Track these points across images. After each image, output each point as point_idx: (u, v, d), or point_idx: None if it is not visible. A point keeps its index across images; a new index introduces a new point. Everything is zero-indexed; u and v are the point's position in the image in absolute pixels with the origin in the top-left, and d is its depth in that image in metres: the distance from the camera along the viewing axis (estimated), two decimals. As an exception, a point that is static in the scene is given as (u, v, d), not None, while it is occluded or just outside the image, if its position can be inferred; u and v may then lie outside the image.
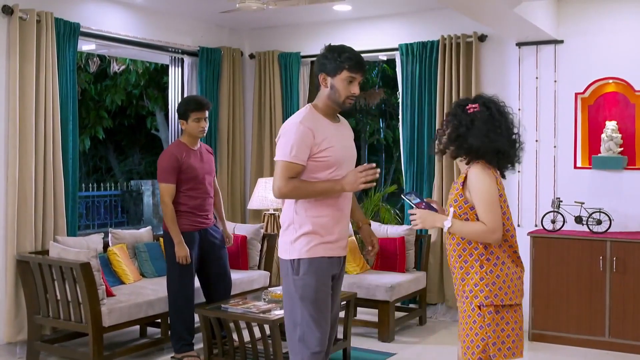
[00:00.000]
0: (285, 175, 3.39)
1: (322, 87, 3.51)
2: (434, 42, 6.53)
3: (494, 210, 3.08)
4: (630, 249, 5.54)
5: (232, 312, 4.84)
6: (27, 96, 5.37)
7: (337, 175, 3.47)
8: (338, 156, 3.48)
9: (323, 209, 3.47)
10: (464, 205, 3.15)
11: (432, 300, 6.63)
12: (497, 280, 3.11)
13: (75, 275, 4.90)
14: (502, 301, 3.10)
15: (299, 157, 3.39)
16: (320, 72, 3.49)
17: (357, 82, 3.48)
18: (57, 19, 5.60)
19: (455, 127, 3.21)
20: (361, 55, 3.53)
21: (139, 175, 16.12)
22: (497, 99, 3.27)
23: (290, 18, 7.11)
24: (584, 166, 6.07)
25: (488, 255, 3.13)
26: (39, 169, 5.45)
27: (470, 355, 3.14)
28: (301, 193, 3.42)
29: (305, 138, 3.38)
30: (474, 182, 3.12)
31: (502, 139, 3.16)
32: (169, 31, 6.84)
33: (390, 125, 13.80)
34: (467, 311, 3.15)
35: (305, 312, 3.45)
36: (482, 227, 3.07)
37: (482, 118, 3.15)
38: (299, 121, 3.42)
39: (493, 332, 3.10)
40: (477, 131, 3.12)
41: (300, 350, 3.48)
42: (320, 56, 3.53)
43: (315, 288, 3.45)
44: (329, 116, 3.53)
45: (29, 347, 5.28)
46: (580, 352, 5.61)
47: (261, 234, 6.51)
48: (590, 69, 6.01)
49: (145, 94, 13.60)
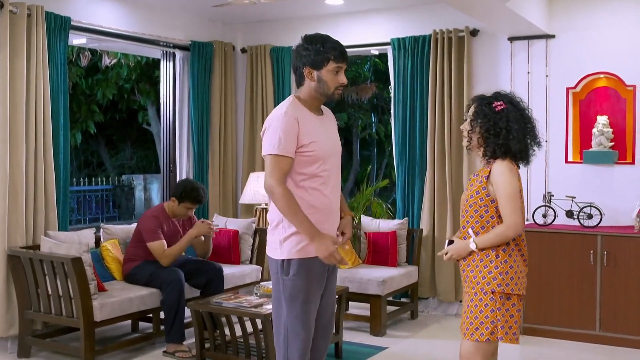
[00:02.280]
0: (277, 171, 3.28)
1: (308, 81, 3.39)
2: (426, 36, 6.53)
3: (515, 206, 3.23)
4: (620, 243, 5.56)
5: (224, 307, 4.83)
6: (18, 90, 5.34)
7: (325, 170, 3.38)
8: (323, 151, 3.38)
9: (313, 206, 3.37)
10: (485, 198, 3.29)
11: (423, 295, 6.64)
12: (510, 271, 3.29)
13: (66, 270, 4.89)
14: (512, 290, 3.28)
15: (288, 149, 3.28)
16: (304, 66, 3.37)
17: (343, 71, 3.40)
18: (48, 12, 5.57)
19: (489, 127, 3.28)
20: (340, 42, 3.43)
21: (131, 169, 16.08)
22: (515, 96, 3.39)
23: (282, 12, 7.10)
24: (575, 161, 6.09)
25: (504, 246, 3.30)
26: (30, 163, 5.42)
27: (479, 335, 3.28)
28: (285, 209, 3.27)
29: (292, 128, 3.28)
30: (498, 178, 3.25)
31: (532, 137, 3.33)
32: (160, 25, 6.82)
33: (382, 120, 13.80)
34: (479, 294, 3.30)
35: (291, 312, 3.38)
36: (500, 230, 3.25)
37: (515, 118, 3.28)
38: (284, 112, 3.32)
39: (502, 317, 3.28)
40: (516, 133, 3.25)
41: (284, 349, 3.42)
42: (299, 48, 3.40)
43: (305, 290, 3.36)
44: (313, 109, 3.43)
45: (20, 342, 5.27)
46: (572, 345, 5.63)
47: (253, 228, 6.51)
48: (582, 63, 6.03)
49: (136, 88, 13.56)
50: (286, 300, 3.38)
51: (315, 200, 3.38)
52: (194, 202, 5.57)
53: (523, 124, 3.28)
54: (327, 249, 3.25)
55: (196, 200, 5.57)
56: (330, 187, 3.45)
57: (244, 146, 7.50)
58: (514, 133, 3.24)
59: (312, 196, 3.37)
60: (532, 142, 3.35)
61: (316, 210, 3.37)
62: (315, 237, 3.26)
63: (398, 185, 6.76)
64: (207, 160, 7.25)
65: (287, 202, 3.27)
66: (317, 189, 3.39)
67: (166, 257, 5.41)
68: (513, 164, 3.31)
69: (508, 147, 3.25)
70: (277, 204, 3.30)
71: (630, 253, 5.53)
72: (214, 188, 7.28)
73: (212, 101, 7.29)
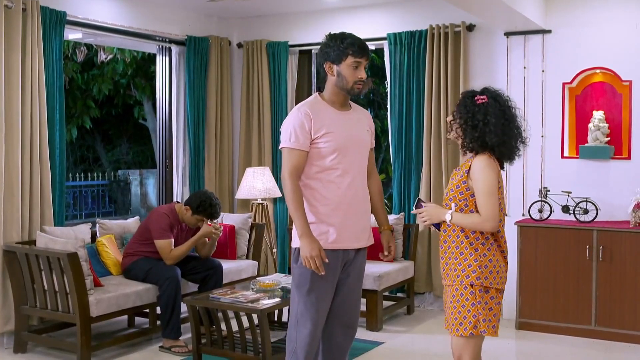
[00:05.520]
0: (289, 165, 3.45)
1: (329, 76, 3.54)
2: (422, 31, 6.52)
3: (491, 202, 3.22)
4: (616, 238, 5.57)
5: (220, 302, 4.83)
6: (13, 85, 5.33)
7: (341, 163, 3.49)
8: (339, 143, 3.49)
9: (325, 197, 3.49)
10: (465, 192, 3.29)
11: (419, 290, 6.65)
12: (489, 264, 3.28)
13: (62, 265, 4.88)
14: (490, 284, 3.27)
15: (300, 143, 3.44)
16: (325, 61, 3.53)
17: (362, 66, 3.52)
18: (43, 7, 5.55)
19: (467, 119, 3.30)
20: (363, 40, 3.57)
21: (127, 164, 16.04)
22: (503, 93, 3.38)
23: (278, 7, 7.08)
24: (571, 156, 6.10)
25: (483, 240, 3.30)
26: (26, 158, 5.41)
27: (463, 331, 3.28)
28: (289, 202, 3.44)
29: (303, 123, 3.44)
30: (477, 173, 3.26)
31: (513, 135, 3.30)
32: (156, 20, 6.80)
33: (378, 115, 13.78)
34: (460, 289, 3.29)
35: (300, 301, 3.52)
36: (478, 218, 3.24)
37: (495, 112, 3.27)
38: (298, 107, 3.52)
39: (483, 310, 3.27)
40: (494, 127, 3.24)
41: (294, 337, 3.55)
42: (322, 45, 3.57)
43: (310, 279, 3.47)
44: (336, 104, 3.56)
45: (17, 337, 5.27)
46: (567, 340, 5.65)
47: (249, 223, 6.51)
48: (578, 58, 6.03)
49: (132, 83, 13.52)
50: (295, 287, 3.55)
51: (328, 192, 3.50)
52: (208, 217, 5.55)
53: (504, 120, 3.26)
54: (312, 251, 3.38)
55: (212, 216, 5.55)
56: (349, 181, 3.53)
57: (240, 141, 7.49)
58: (490, 127, 3.23)
59: (326, 188, 3.50)
60: (515, 140, 3.32)
61: (328, 201, 3.49)
62: (305, 236, 3.40)
63: (394, 180, 6.77)
64: (203, 155, 7.24)
65: (292, 196, 3.43)
66: (333, 181, 3.51)
67: (172, 257, 5.41)
68: (494, 159, 3.30)
69: (484, 140, 3.25)
70: (285, 195, 3.49)
71: (626, 248, 5.54)
72: (210, 183, 7.28)
73: (208, 96, 7.28)
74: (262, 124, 7.35)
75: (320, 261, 3.39)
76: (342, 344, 3.67)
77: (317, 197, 3.49)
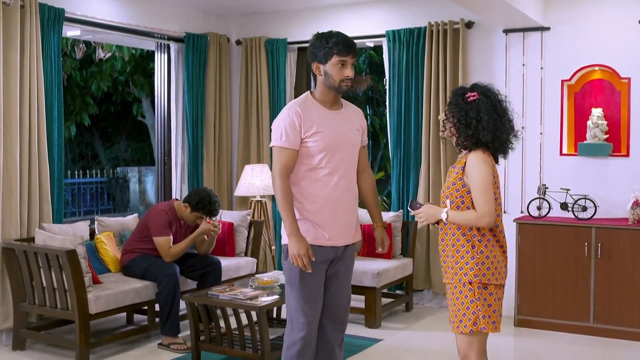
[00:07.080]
0: (279, 163, 3.47)
1: (317, 75, 3.56)
2: (421, 28, 6.52)
3: (487, 197, 3.24)
4: (615, 235, 5.57)
5: (219, 299, 4.83)
6: (12, 82, 5.32)
7: (330, 162, 3.52)
8: (328, 142, 3.50)
9: (312, 194, 3.52)
10: (461, 189, 3.31)
11: (418, 287, 6.66)
12: (487, 261, 3.29)
13: (61, 262, 4.88)
14: (488, 280, 3.29)
15: (291, 142, 3.47)
16: (313, 61, 3.55)
17: (349, 64, 3.51)
18: (41, 4, 5.54)
19: (460, 118, 3.30)
20: (349, 37, 3.55)
21: (125, 162, 16.03)
22: (493, 87, 3.38)
23: (277, 4, 7.08)
24: (569, 153, 6.10)
25: (480, 237, 3.30)
26: (24, 156, 5.40)
27: (463, 328, 3.30)
28: (278, 200, 3.47)
29: (293, 121, 3.47)
30: (472, 169, 3.27)
31: (505, 130, 3.32)
32: (154, 17, 6.79)
33: (377, 112, 13.78)
34: (458, 287, 3.31)
35: (292, 296, 3.57)
36: (473, 214, 3.25)
37: (487, 109, 3.28)
38: (289, 106, 3.54)
39: (482, 306, 3.28)
40: (487, 124, 3.25)
41: (290, 331, 3.59)
42: (310, 45, 3.60)
43: (299, 275, 3.51)
44: (327, 103, 3.58)
45: (15, 334, 5.27)
46: (566, 337, 5.65)
47: (248, 220, 6.51)
48: (577, 56, 6.03)
49: (131, 81, 13.51)
50: (287, 283, 3.60)
51: (316, 190, 3.53)
52: (207, 215, 5.56)
53: (496, 115, 3.27)
54: (299, 249, 3.41)
55: (211, 213, 5.56)
56: (337, 179, 3.55)
57: (238, 138, 7.48)
58: (483, 124, 3.25)
59: (314, 186, 3.53)
60: (508, 134, 3.33)
61: (316, 199, 3.52)
62: (293, 234, 3.44)
63: (393, 177, 6.77)
64: (201, 153, 7.23)
65: (281, 195, 3.46)
66: (320, 179, 3.53)
67: (170, 254, 5.41)
68: (489, 155, 3.31)
69: (478, 137, 3.27)
70: (275, 194, 3.51)
71: (624, 245, 5.54)
72: (209, 180, 7.27)
73: (206, 93, 7.27)
74: (260, 121, 7.34)
75: (308, 259, 3.42)
76: (331, 338, 3.70)
77: (305, 194, 3.52)
